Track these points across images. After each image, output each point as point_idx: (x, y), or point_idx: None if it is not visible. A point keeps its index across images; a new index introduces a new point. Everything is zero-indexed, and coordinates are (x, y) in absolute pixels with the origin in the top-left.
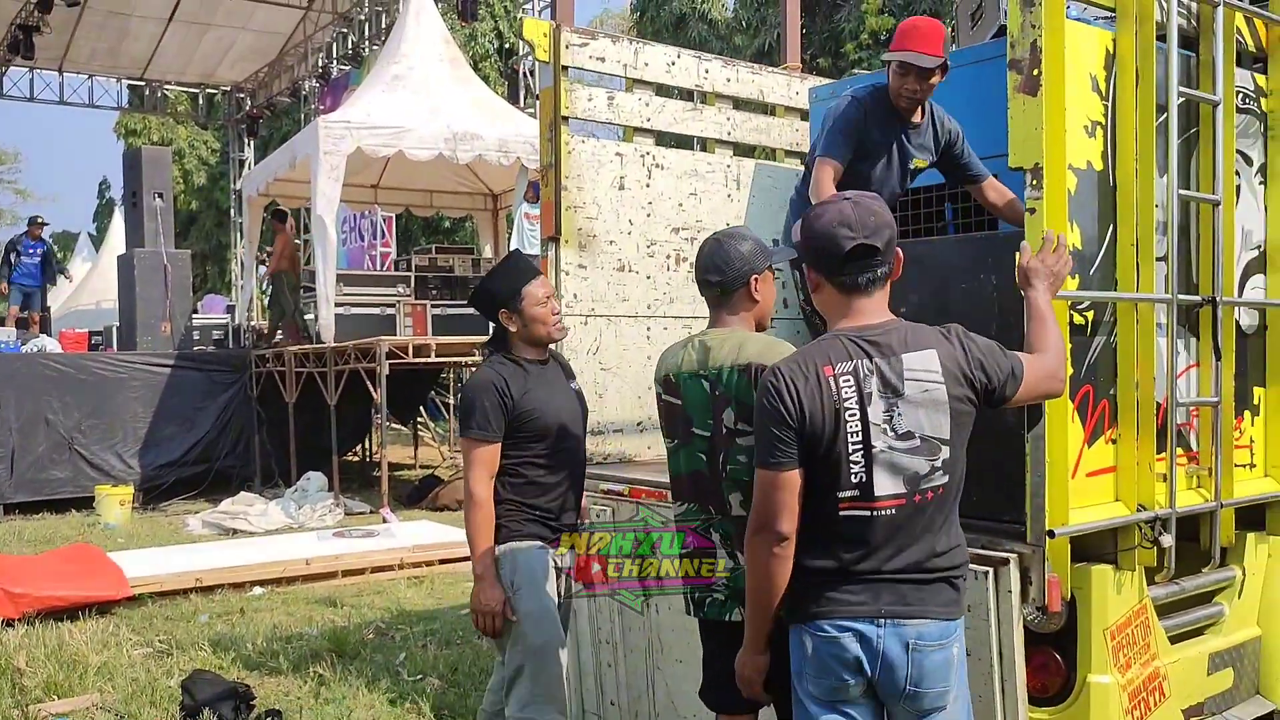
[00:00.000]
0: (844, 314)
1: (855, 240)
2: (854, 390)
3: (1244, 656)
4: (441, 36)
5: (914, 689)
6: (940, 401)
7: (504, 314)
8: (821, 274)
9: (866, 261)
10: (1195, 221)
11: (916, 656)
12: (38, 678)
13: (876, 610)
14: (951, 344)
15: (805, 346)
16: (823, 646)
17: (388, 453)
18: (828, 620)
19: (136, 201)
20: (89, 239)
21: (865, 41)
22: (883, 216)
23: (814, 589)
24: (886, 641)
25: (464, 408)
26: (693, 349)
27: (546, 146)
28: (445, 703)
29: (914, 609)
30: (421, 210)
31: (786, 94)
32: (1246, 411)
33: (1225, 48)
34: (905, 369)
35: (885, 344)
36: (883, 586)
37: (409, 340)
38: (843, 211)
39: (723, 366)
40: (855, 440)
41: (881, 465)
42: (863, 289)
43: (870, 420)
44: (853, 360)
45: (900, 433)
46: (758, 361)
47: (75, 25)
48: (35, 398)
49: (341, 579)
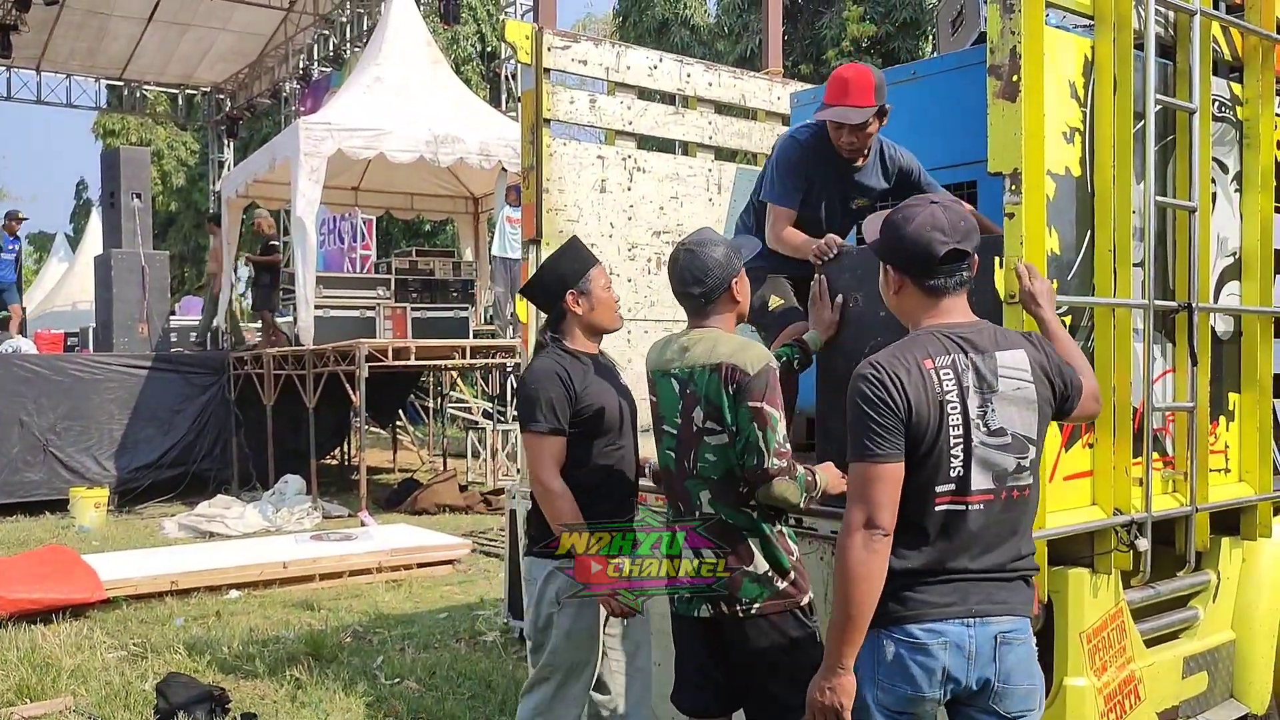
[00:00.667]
0: (929, 314)
1: (949, 244)
2: (954, 383)
3: (1218, 660)
4: (423, 39)
5: (1003, 685)
6: (1031, 400)
7: (572, 295)
8: (909, 276)
9: (956, 265)
10: (1172, 228)
11: (1004, 649)
12: (10, 680)
13: (967, 610)
14: (1036, 347)
15: (896, 343)
16: (907, 653)
17: (366, 456)
18: (916, 624)
19: (114, 202)
20: (65, 240)
21: (847, 48)
22: (970, 220)
23: (899, 591)
24: (977, 640)
25: (526, 399)
26: (670, 348)
27: (528, 149)
28: (423, 706)
29: (1000, 605)
30: (402, 213)
31: (768, 99)
32: (1222, 417)
33: (1202, 56)
34: (999, 366)
35: (978, 341)
36: (970, 586)
37: (389, 343)
38: (934, 216)
39: (694, 365)
40: (956, 434)
41: (977, 459)
42: (950, 290)
43: (970, 415)
44: (950, 354)
45: (993, 429)
46: (729, 361)
47: (53, 24)
48: (9, 399)
49: (319, 582)
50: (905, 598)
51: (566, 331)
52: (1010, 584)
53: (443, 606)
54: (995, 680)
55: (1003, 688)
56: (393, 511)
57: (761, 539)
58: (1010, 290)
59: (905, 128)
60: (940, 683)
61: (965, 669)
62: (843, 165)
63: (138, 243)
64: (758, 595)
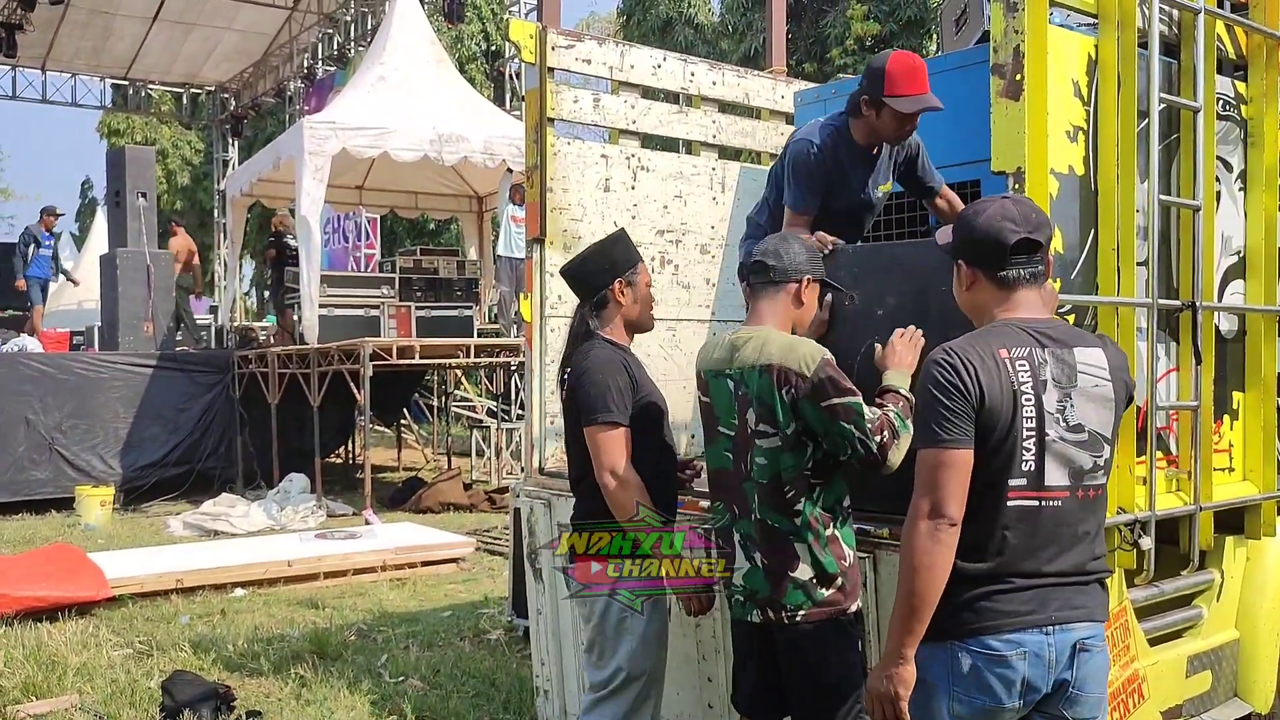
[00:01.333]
0: (1003, 307)
1: (1020, 234)
2: (1030, 375)
3: (1222, 659)
4: (427, 38)
5: (1077, 692)
6: (1108, 399)
7: (620, 284)
8: (981, 269)
9: (1029, 256)
10: (1176, 227)
11: (1083, 656)
12: (16, 678)
13: (1046, 618)
14: (1110, 349)
15: (970, 333)
16: (985, 666)
17: (371, 455)
18: (994, 635)
19: (120, 201)
20: (71, 238)
21: (850, 47)
22: (1042, 214)
23: (973, 599)
24: (1057, 649)
25: (595, 388)
26: (722, 347)
27: (532, 148)
28: (427, 704)
29: (1079, 611)
30: (406, 212)
31: (772, 97)
32: (1226, 416)
33: (1206, 55)
34: (1078, 361)
35: (1056, 335)
36: (1049, 592)
37: (393, 342)
38: (1005, 208)
39: (745, 366)
40: (1030, 426)
41: (1053, 454)
42: (1024, 283)
43: (1045, 407)
44: (1027, 346)
45: (1072, 424)
46: (779, 364)
47: (59, 23)
48: (16, 398)
49: (323, 581)
50: (981, 608)
51: (607, 321)
52: (1087, 588)
53: (447, 605)
54: (1071, 685)
55: (1076, 694)
56: (397, 510)
57: (808, 545)
58: None
59: None
60: (1020, 693)
61: (1045, 678)
62: (865, 159)
63: (143, 242)
64: (802, 603)
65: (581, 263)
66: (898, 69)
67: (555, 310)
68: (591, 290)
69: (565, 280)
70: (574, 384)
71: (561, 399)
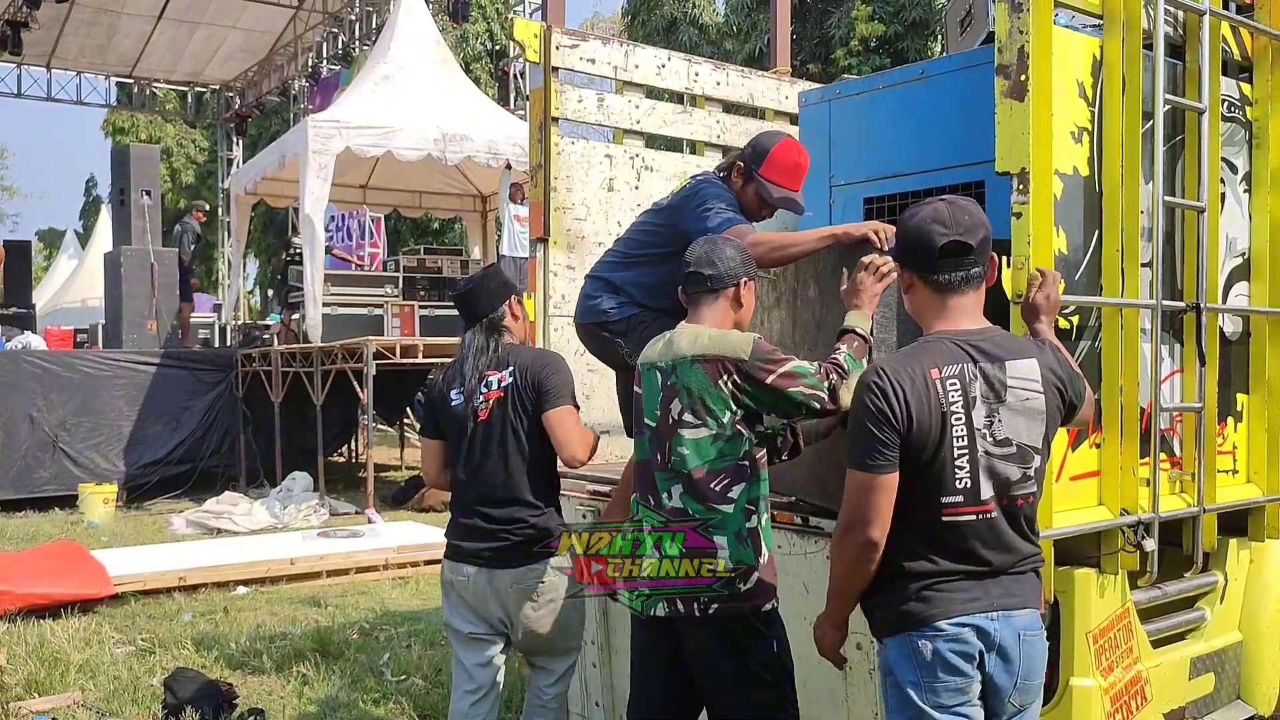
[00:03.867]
0: (940, 316)
1: (949, 236)
2: (960, 394)
3: (1225, 661)
4: (432, 37)
5: (1023, 681)
6: (1038, 411)
7: (514, 301)
8: (914, 271)
9: (960, 259)
10: (1180, 228)
11: (1026, 646)
12: (18, 675)
13: (990, 604)
14: (1047, 355)
15: (908, 347)
16: (945, 646)
17: (374, 453)
18: (946, 619)
19: (124, 199)
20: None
21: (855, 48)
22: (976, 217)
23: (920, 590)
24: (1003, 634)
25: (563, 377)
26: (661, 342)
27: (536, 147)
28: (429, 703)
29: (1018, 599)
30: (410, 211)
31: (776, 98)
32: (1230, 418)
33: (1211, 56)
34: (1009, 376)
35: (989, 349)
36: (989, 583)
37: (396, 341)
38: (936, 210)
39: (677, 357)
40: (961, 445)
41: (983, 470)
42: (956, 288)
43: (975, 426)
44: (958, 364)
45: (999, 439)
46: (715, 353)
47: (64, 22)
48: (20, 395)
49: (326, 579)
50: (928, 597)
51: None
52: (1024, 577)
53: None
54: (1018, 676)
55: (1023, 683)
56: (399, 509)
57: (731, 536)
58: (1018, 290)
59: (914, 128)
60: (977, 665)
61: (991, 660)
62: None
63: (147, 240)
64: (716, 595)
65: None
66: (782, 157)
67: (558, 310)
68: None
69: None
70: (538, 375)
71: (486, 403)
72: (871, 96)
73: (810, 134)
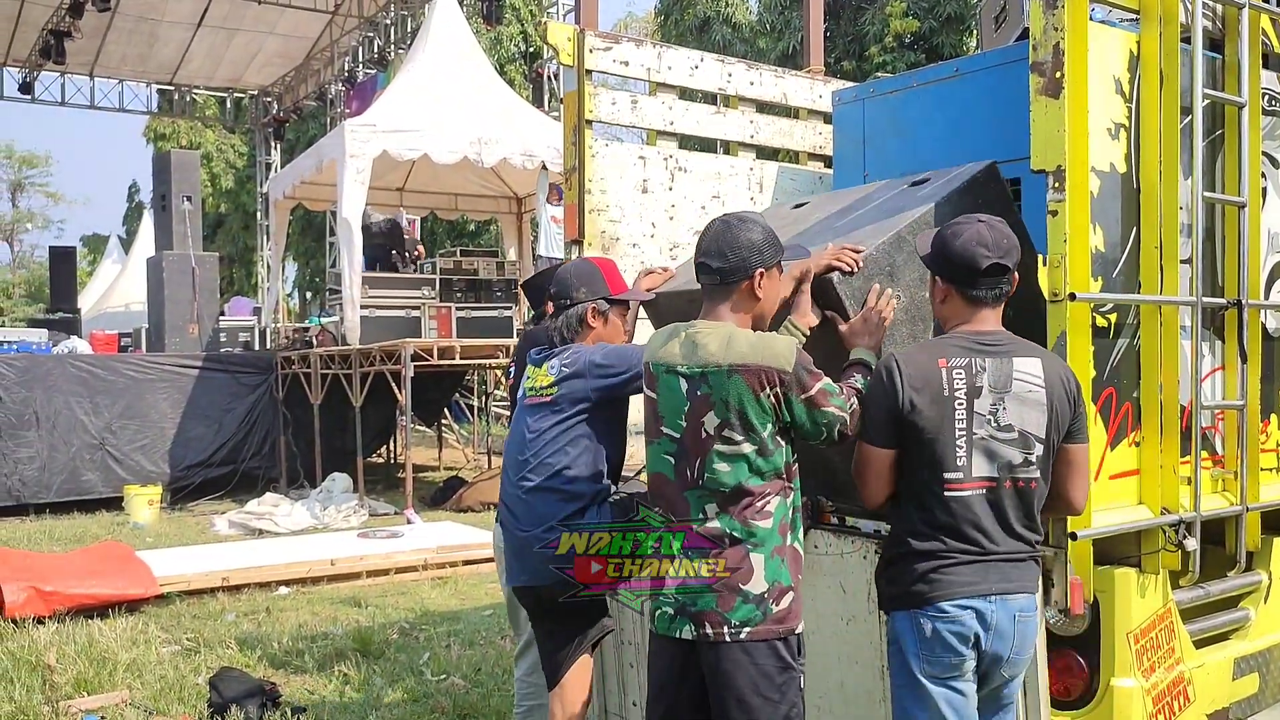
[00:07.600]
0: (965, 320)
1: (991, 259)
2: (964, 383)
3: (1270, 661)
4: (467, 40)
5: (1015, 655)
6: (1040, 403)
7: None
8: (954, 285)
9: (997, 279)
10: (1221, 224)
11: (1020, 626)
12: (68, 674)
13: (988, 589)
14: (1054, 364)
15: (924, 342)
16: (943, 626)
17: (412, 454)
18: (948, 601)
19: (165, 204)
20: (119, 242)
21: (889, 45)
22: (1011, 240)
23: (926, 572)
24: (999, 616)
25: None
26: (678, 342)
27: (570, 150)
28: (468, 702)
29: (1015, 584)
30: (446, 213)
31: (810, 97)
32: (1273, 415)
33: (1251, 49)
34: (1014, 370)
35: (998, 347)
36: (988, 567)
37: (434, 343)
38: (980, 233)
39: (707, 365)
40: (961, 427)
41: (980, 450)
42: (988, 302)
43: (975, 410)
44: (968, 357)
45: (1003, 424)
46: (757, 363)
47: (106, 30)
48: (68, 399)
49: (366, 579)
50: (932, 579)
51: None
52: (1023, 563)
53: (488, 604)
54: (1010, 652)
55: (1014, 657)
56: (438, 509)
57: (768, 555)
58: (1054, 289)
59: (948, 125)
60: (972, 646)
61: (988, 639)
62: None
63: (188, 244)
64: (749, 618)
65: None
66: (604, 275)
67: None
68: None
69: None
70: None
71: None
72: (905, 95)
73: (844, 132)
